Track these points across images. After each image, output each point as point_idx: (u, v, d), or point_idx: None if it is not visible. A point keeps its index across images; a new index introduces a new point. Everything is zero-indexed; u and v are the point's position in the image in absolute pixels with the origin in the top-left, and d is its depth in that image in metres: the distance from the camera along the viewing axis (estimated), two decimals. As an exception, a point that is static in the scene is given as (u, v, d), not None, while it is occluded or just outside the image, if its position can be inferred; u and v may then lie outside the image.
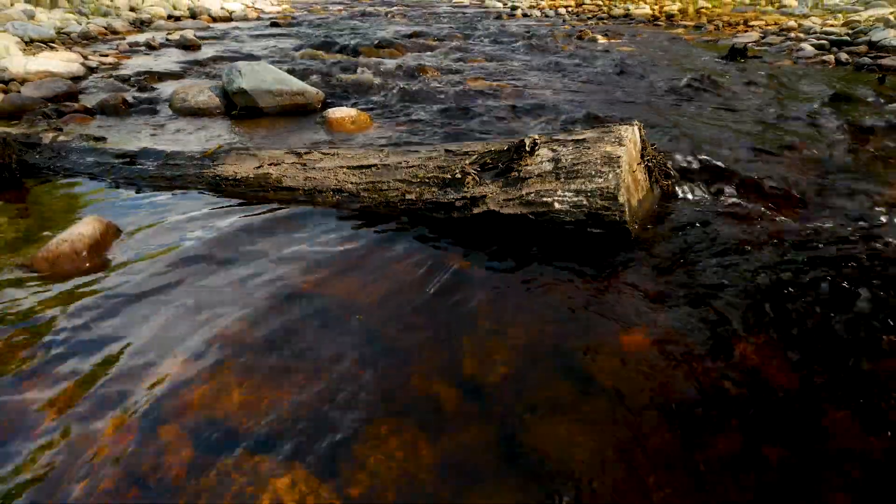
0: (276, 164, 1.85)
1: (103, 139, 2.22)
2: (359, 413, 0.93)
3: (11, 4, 6.65)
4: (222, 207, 1.73)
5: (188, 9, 9.68)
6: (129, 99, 3.08)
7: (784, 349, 1.07)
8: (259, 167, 1.86)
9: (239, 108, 2.92)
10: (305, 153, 1.86)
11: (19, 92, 3.11)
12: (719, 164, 1.96)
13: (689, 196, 1.74)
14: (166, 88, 3.44)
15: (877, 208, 1.63)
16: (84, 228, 1.45)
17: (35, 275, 1.33)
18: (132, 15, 8.17)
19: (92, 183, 1.93)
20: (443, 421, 0.92)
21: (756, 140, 2.26)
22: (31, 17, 6.19)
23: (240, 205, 1.74)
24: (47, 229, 1.58)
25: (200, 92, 2.96)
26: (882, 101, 2.92)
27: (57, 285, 1.29)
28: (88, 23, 6.56)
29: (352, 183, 1.71)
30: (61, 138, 2.18)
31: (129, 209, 1.71)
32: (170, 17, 8.69)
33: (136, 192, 1.84)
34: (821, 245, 1.42)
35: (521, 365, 1.05)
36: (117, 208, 1.71)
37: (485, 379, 1.01)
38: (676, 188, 1.77)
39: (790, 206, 1.68)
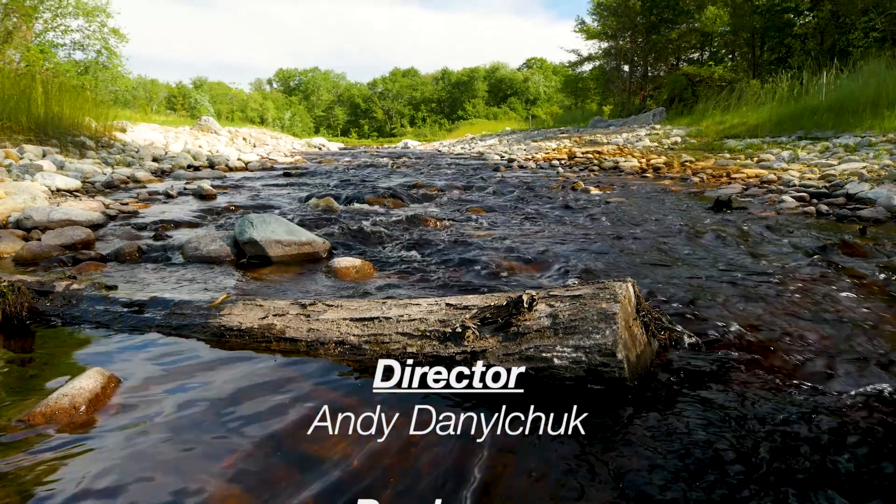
0: (280, 315, 1.90)
1: (115, 287, 2.29)
2: None
3: (43, 156, 7.18)
4: (224, 359, 1.74)
5: (207, 159, 10.43)
6: (144, 247, 3.22)
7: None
8: (264, 318, 1.90)
9: (249, 256, 3.05)
10: (309, 304, 1.92)
11: (39, 240, 3.26)
12: (714, 316, 2.01)
13: (686, 350, 1.76)
14: (180, 236, 3.61)
15: (884, 369, 1.64)
16: (85, 382, 1.46)
17: (30, 432, 1.31)
18: (154, 165, 8.78)
19: (100, 331, 1.96)
20: None
21: (750, 292, 2.32)
22: (61, 167, 6.65)
23: (242, 356, 1.76)
24: (49, 380, 1.59)
25: (213, 241, 3.10)
26: (869, 251, 3.04)
27: (51, 443, 1.26)
28: (113, 173, 7.03)
29: (354, 335, 1.74)
30: (74, 286, 2.26)
31: (133, 360, 1.72)
32: (189, 166, 9.33)
33: (142, 342, 1.86)
34: (820, 411, 1.42)
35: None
36: (121, 359, 1.73)
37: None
38: (672, 341, 1.80)
39: (784, 360, 1.69)
